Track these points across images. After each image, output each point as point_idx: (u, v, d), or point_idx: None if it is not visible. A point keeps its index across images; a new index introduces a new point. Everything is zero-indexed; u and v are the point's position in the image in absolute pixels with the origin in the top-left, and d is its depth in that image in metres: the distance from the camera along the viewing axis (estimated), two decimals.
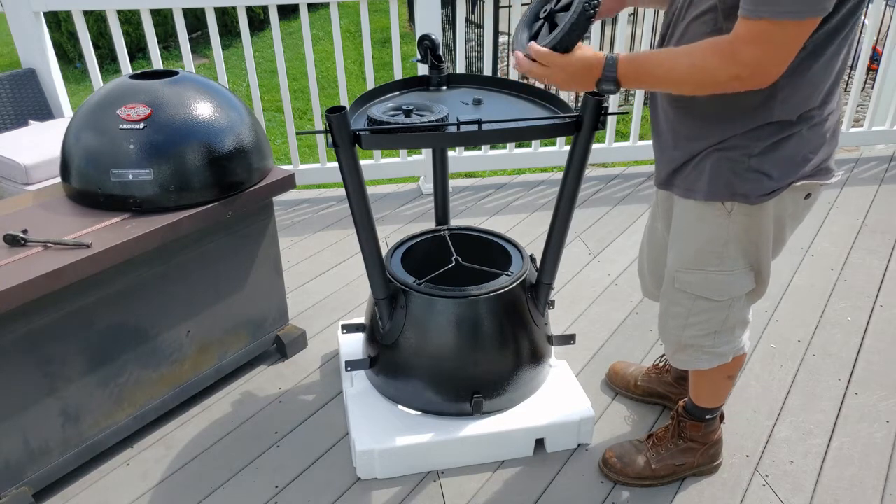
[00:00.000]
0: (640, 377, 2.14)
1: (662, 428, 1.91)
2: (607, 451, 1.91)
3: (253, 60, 3.23)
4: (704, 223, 1.48)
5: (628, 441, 1.93)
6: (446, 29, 6.39)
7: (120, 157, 1.82)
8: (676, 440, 1.85)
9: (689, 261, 1.54)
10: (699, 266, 1.53)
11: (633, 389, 2.14)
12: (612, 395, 2.20)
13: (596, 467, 1.93)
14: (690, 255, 1.53)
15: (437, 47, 1.98)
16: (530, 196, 3.57)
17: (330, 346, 2.44)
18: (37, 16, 3.01)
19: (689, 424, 1.83)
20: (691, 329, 1.62)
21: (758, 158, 1.37)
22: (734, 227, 1.46)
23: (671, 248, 1.60)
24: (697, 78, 1.26)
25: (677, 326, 1.64)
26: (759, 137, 1.36)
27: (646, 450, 1.87)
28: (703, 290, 1.55)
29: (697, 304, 1.57)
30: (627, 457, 1.87)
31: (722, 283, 1.53)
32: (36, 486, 1.80)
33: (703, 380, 1.76)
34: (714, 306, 1.57)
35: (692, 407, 1.83)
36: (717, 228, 1.47)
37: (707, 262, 1.51)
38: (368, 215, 1.74)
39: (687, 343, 1.64)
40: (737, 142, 1.38)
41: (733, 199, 1.42)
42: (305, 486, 1.89)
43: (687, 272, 1.56)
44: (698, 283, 1.55)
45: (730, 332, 1.62)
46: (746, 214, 1.44)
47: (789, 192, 1.41)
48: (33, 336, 1.68)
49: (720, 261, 1.50)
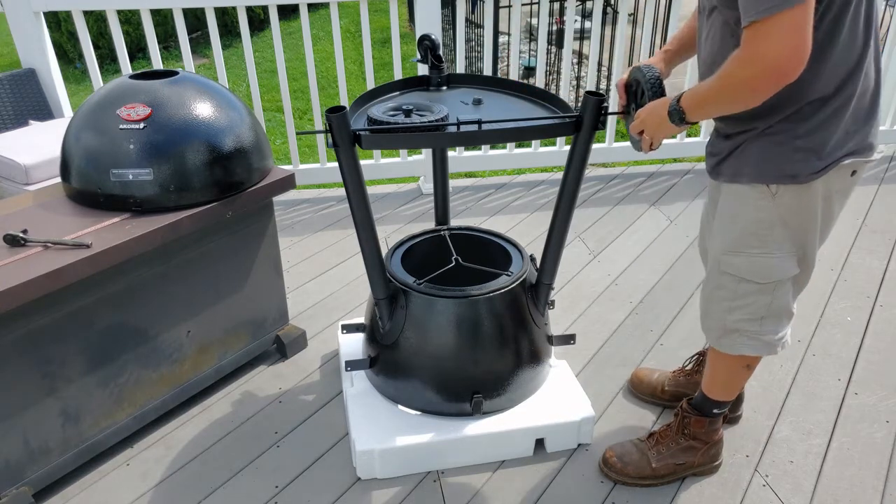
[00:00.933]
0: (667, 382, 2.13)
1: (664, 426, 1.91)
2: (607, 451, 1.91)
3: (253, 60, 3.24)
4: (748, 206, 1.52)
5: (629, 440, 1.93)
6: (446, 29, 6.39)
7: (120, 157, 1.82)
8: (679, 438, 1.86)
9: (733, 244, 1.58)
10: (743, 248, 1.56)
11: (661, 395, 2.13)
12: (613, 394, 2.20)
13: (596, 467, 1.93)
14: (735, 237, 1.57)
15: (437, 47, 1.98)
16: (530, 196, 3.57)
17: (330, 346, 2.44)
18: (37, 16, 3.01)
19: (693, 420, 1.83)
20: (737, 312, 1.64)
21: (804, 139, 1.41)
22: (779, 209, 1.49)
23: (717, 233, 1.63)
24: (735, 90, 1.32)
25: (722, 310, 1.66)
26: (802, 118, 1.40)
27: (646, 449, 1.88)
28: (747, 272, 1.58)
29: (742, 286, 1.60)
30: (628, 456, 1.87)
31: (765, 266, 1.55)
32: (36, 486, 1.80)
33: (721, 368, 1.77)
34: (758, 289, 1.59)
35: (701, 400, 1.83)
36: (760, 211, 1.50)
37: (750, 245, 1.55)
38: (368, 215, 1.74)
39: (732, 327, 1.66)
40: (781, 126, 1.42)
41: (781, 180, 1.45)
42: (305, 486, 1.89)
43: (731, 255, 1.59)
44: (742, 265, 1.58)
45: (776, 320, 1.64)
46: (794, 196, 1.47)
47: (836, 171, 1.45)
48: (33, 336, 1.68)
49: (763, 243, 1.53)
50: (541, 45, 3.51)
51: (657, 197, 3.52)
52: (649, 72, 1.61)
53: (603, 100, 1.61)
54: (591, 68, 3.65)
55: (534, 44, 6.32)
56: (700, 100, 1.41)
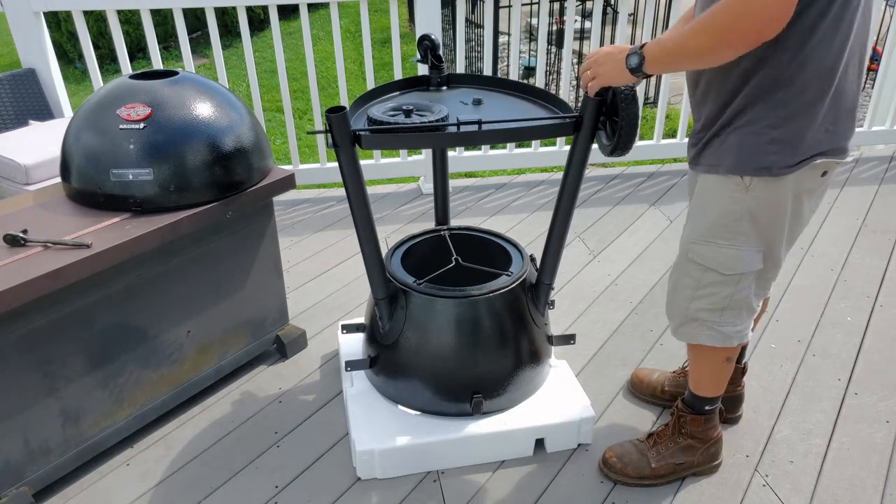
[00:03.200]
0: (667, 382, 2.13)
1: (662, 426, 1.91)
2: (607, 451, 1.91)
3: (253, 60, 3.24)
4: (721, 196, 1.53)
5: (629, 441, 1.93)
6: (446, 29, 6.39)
7: (120, 157, 1.82)
8: (677, 437, 1.86)
9: (702, 233, 1.60)
10: (711, 238, 1.58)
11: (661, 395, 2.13)
12: (613, 394, 2.20)
13: (596, 467, 1.93)
14: (705, 227, 1.59)
15: (437, 47, 1.98)
16: (530, 196, 3.57)
17: (330, 346, 2.44)
18: (37, 16, 3.01)
19: (689, 419, 1.84)
20: (699, 301, 1.66)
21: (781, 129, 1.42)
22: (750, 202, 1.50)
23: (688, 221, 1.66)
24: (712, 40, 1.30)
25: (685, 298, 1.68)
26: (781, 110, 1.41)
27: (646, 449, 1.88)
28: (713, 262, 1.60)
29: (706, 276, 1.62)
30: (627, 456, 1.88)
31: (730, 258, 1.58)
32: (36, 486, 1.80)
33: (703, 364, 1.79)
34: (722, 280, 1.61)
35: (692, 399, 1.84)
36: (732, 203, 1.52)
37: (719, 235, 1.57)
38: (368, 215, 1.74)
39: (693, 316, 1.68)
40: (759, 115, 1.43)
41: (757, 172, 1.47)
42: (305, 486, 1.89)
43: (700, 244, 1.61)
44: (709, 255, 1.60)
45: (736, 313, 1.66)
46: (766, 189, 1.48)
47: (808, 169, 1.46)
48: (33, 336, 1.68)
49: (731, 234, 1.55)
50: (541, 45, 3.51)
51: (657, 197, 3.52)
52: None
53: (604, 100, 1.61)
54: None
55: (534, 44, 6.33)
56: (669, 48, 1.38)
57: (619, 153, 1.63)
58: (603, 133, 1.69)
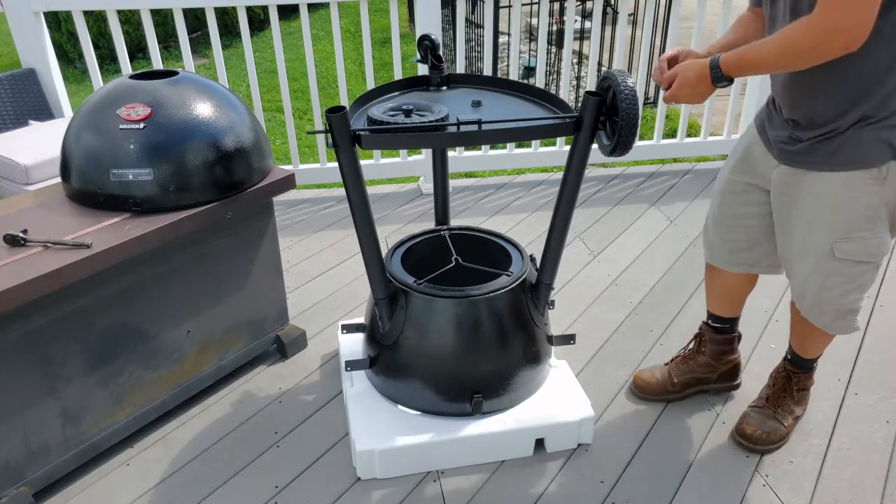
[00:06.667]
0: (674, 373, 2.14)
1: (772, 391, 2.01)
2: (748, 428, 1.96)
3: (253, 60, 3.24)
4: (859, 192, 1.57)
5: (753, 410, 2.00)
6: (446, 29, 6.39)
7: (120, 157, 1.82)
8: (793, 393, 2.00)
9: (845, 230, 1.62)
10: (855, 233, 1.62)
11: (673, 388, 2.13)
12: (613, 394, 2.20)
13: (595, 467, 1.92)
14: (847, 224, 1.62)
15: (437, 47, 1.98)
16: (530, 196, 3.57)
17: (330, 346, 2.44)
18: (37, 16, 3.01)
19: (803, 376, 2.00)
20: (854, 293, 1.71)
21: None
22: (888, 191, 1.56)
23: (816, 224, 1.66)
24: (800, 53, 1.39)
25: (839, 294, 1.71)
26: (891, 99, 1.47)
27: (772, 413, 1.98)
28: (861, 254, 1.64)
29: (857, 268, 1.67)
30: (765, 425, 1.96)
31: (874, 246, 1.63)
32: (36, 486, 1.80)
33: (822, 337, 1.89)
34: (871, 268, 1.68)
35: (801, 361, 1.98)
36: (871, 195, 1.56)
37: (862, 228, 1.61)
38: (368, 215, 1.74)
39: (850, 308, 1.73)
40: (878, 111, 1.49)
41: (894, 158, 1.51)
42: (305, 486, 1.89)
43: (845, 241, 1.64)
44: (857, 249, 1.64)
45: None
46: None
47: None
48: (33, 336, 1.68)
49: (873, 225, 1.60)
50: (541, 45, 3.51)
51: (657, 197, 3.52)
52: (621, 76, 1.59)
53: (603, 100, 1.61)
54: (591, 68, 3.65)
55: (534, 44, 6.33)
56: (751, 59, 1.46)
57: (619, 153, 1.63)
58: (603, 133, 1.69)
